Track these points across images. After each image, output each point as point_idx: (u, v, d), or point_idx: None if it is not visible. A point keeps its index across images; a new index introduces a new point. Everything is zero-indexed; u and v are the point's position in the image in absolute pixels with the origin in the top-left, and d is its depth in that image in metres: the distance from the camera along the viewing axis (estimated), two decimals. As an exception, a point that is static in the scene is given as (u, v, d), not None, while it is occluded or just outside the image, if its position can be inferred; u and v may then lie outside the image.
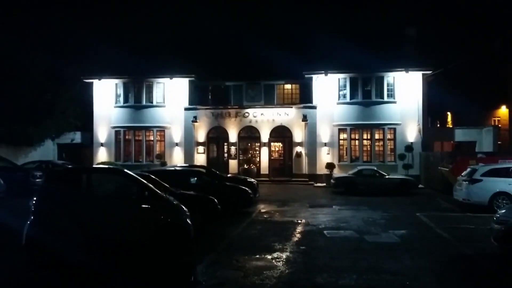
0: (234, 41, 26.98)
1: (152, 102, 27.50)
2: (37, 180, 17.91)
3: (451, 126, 39.26)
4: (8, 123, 23.87)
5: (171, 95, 27.33)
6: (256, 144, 26.79)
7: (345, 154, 25.98)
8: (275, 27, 29.15)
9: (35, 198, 8.46)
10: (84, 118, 28.26)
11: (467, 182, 14.94)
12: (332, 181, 21.52)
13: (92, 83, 27.91)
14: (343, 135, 26.01)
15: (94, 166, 21.98)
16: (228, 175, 20.72)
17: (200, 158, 26.66)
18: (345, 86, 25.92)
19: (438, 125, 40.58)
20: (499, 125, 35.93)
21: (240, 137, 26.78)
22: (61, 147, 29.56)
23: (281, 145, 26.91)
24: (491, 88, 38.40)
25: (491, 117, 44.00)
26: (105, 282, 7.28)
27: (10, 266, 8.13)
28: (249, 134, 26.81)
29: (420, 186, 21.95)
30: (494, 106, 43.43)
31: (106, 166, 17.53)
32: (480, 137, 27.41)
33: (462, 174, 15.82)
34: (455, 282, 7.38)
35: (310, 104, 26.13)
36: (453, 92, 34.75)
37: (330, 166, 24.93)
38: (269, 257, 8.70)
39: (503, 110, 43.40)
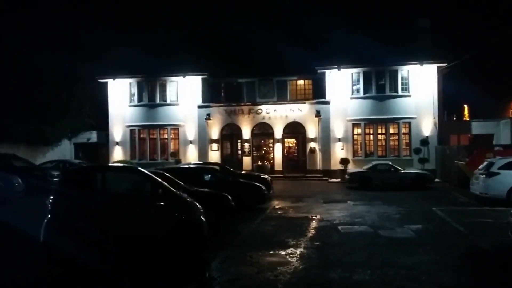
0: (246, 37, 26.97)
1: (165, 101, 27.70)
2: (55, 179, 18.18)
3: (467, 119, 38.68)
4: (25, 123, 24.27)
5: (185, 93, 27.48)
6: (270, 140, 26.81)
7: (359, 149, 25.80)
8: (287, 22, 29.00)
9: (52, 197, 8.61)
10: (99, 117, 28.64)
11: (484, 176, 14.72)
12: (346, 176, 21.43)
13: (106, 82, 28.24)
14: (357, 130, 25.83)
15: (109, 164, 22.23)
16: (242, 172, 20.77)
17: (214, 155, 26.79)
18: (358, 80, 25.72)
19: (455, 118, 40.02)
20: (517, 117, 35.24)
21: (253, 133, 26.82)
22: (77, 146, 30.02)
23: (295, 141, 26.88)
24: (508, 79, 37.67)
25: (509, 109, 43.15)
26: (121, 278, 7.38)
27: (28, 264, 8.29)
28: (263, 130, 26.84)
29: (436, 180, 21.72)
30: (512, 98, 42.58)
31: (121, 165, 17.71)
32: (497, 129, 26.98)
33: (479, 168, 15.59)
34: (471, 277, 7.28)
35: (323, 100, 26.01)
36: (469, 84, 34.19)
37: (344, 161, 24.82)
38: (283, 253, 8.71)
39: (521, 102, 42.51)
